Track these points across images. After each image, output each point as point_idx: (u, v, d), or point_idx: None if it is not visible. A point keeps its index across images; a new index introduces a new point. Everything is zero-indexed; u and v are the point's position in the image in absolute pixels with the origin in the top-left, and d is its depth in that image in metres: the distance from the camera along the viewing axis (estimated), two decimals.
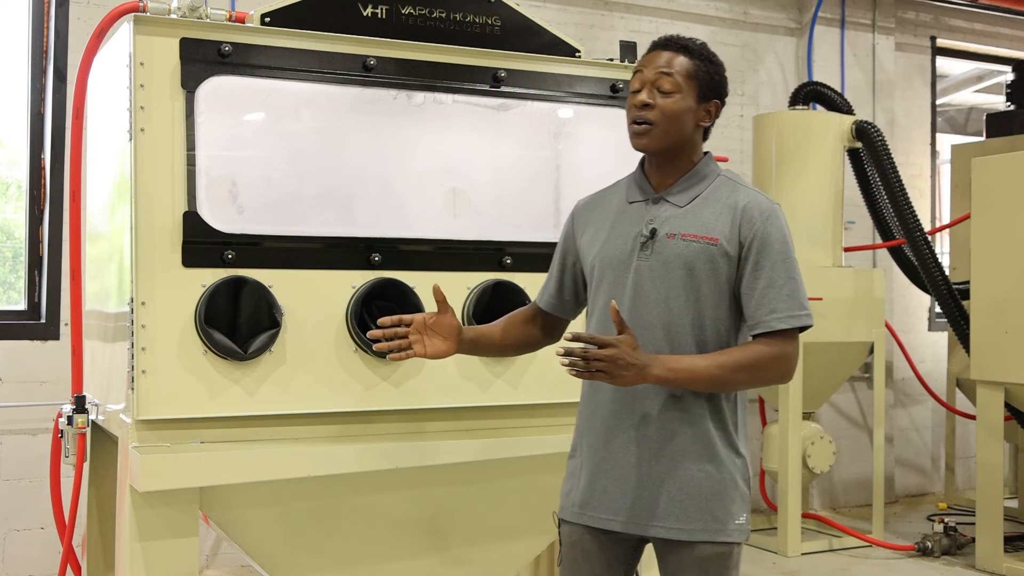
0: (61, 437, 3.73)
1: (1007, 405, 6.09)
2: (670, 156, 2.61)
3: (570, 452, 2.74)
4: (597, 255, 2.67)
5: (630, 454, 2.55)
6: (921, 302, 8.15)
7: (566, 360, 2.41)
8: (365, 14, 3.44)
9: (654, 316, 2.54)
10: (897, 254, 6.88)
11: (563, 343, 2.51)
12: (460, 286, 3.45)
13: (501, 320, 2.94)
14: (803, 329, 2.53)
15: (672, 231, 2.56)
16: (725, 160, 4.73)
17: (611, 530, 2.60)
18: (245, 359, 3.13)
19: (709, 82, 2.62)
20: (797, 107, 6.72)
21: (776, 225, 2.55)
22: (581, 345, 2.42)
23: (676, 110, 2.56)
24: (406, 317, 2.74)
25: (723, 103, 2.66)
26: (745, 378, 2.50)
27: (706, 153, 2.68)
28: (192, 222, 3.12)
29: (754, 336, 2.54)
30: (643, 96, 2.57)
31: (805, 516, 6.61)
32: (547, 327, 2.91)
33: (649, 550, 2.68)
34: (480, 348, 2.92)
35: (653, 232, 2.57)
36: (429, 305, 3.35)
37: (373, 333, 2.74)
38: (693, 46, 2.63)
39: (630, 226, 2.62)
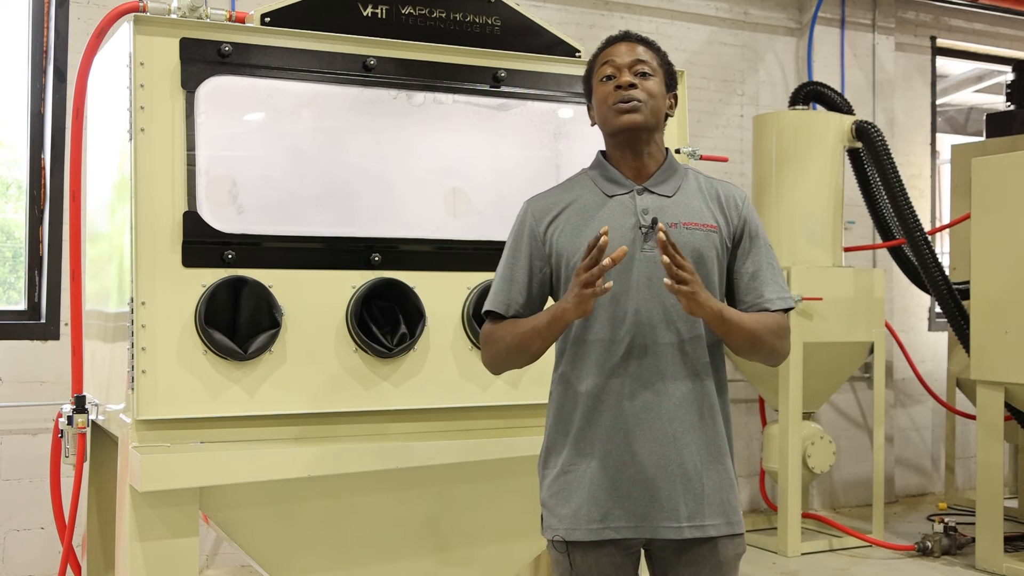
0: (61, 437, 3.73)
1: (1007, 405, 6.09)
2: (647, 142, 2.60)
3: (560, 470, 2.57)
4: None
5: (653, 455, 2.49)
6: (921, 302, 8.15)
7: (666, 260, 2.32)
8: (365, 14, 3.45)
9: (668, 303, 2.50)
10: (897, 254, 6.88)
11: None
12: (460, 286, 3.45)
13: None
14: (788, 310, 2.65)
15: (672, 220, 2.55)
16: (725, 160, 4.72)
17: (629, 538, 2.51)
18: (245, 359, 3.13)
19: (671, 73, 2.69)
20: (797, 107, 6.72)
21: (755, 212, 2.70)
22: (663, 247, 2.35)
23: (658, 91, 2.60)
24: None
25: (676, 100, 2.71)
26: (772, 341, 2.56)
27: (667, 148, 2.69)
28: (192, 222, 3.12)
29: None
30: (627, 77, 2.57)
31: (805, 516, 6.61)
32: None
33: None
34: None
35: (655, 221, 2.52)
36: (429, 305, 3.36)
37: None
38: (652, 40, 2.69)
39: (622, 219, 2.55)
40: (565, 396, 2.59)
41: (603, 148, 2.71)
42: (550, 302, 2.64)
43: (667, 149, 2.68)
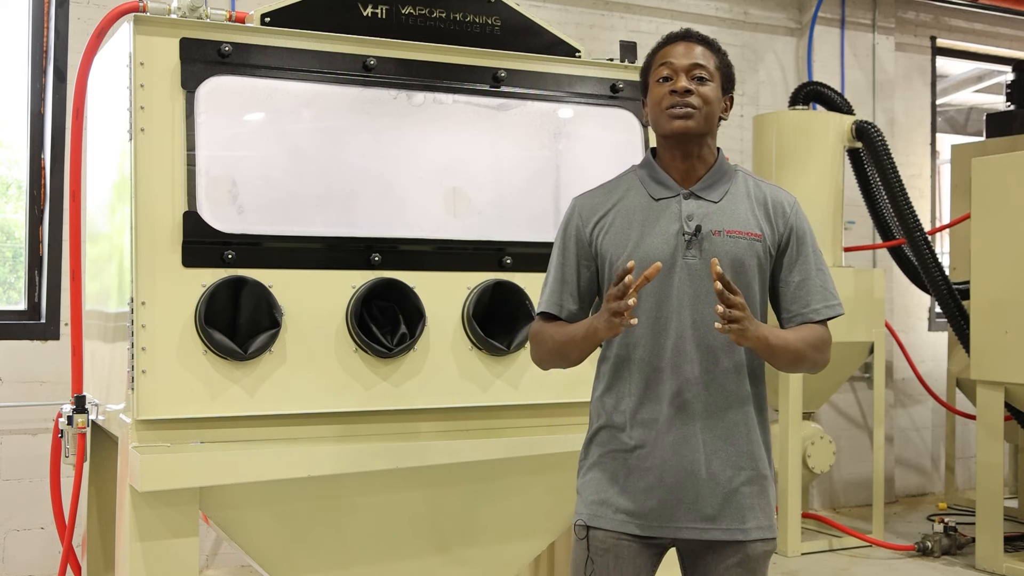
0: (61, 437, 3.73)
1: (1007, 405, 6.09)
2: (698, 147, 2.59)
3: (596, 461, 2.61)
4: (631, 255, 2.55)
5: (685, 460, 2.50)
6: (921, 302, 8.15)
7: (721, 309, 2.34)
8: (365, 14, 3.45)
9: (708, 314, 2.50)
10: (897, 254, 6.88)
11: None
12: (460, 286, 3.45)
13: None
14: (833, 318, 2.61)
15: (715, 228, 2.54)
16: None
17: (652, 536, 2.54)
18: (245, 359, 3.13)
19: (729, 75, 2.66)
20: (797, 107, 6.72)
21: (804, 217, 2.65)
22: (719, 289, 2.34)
23: (714, 96, 2.58)
24: None
25: (732, 102, 2.69)
26: (814, 356, 2.56)
27: (718, 148, 2.68)
28: (192, 222, 3.12)
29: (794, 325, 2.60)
30: (683, 83, 2.55)
31: (805, 516, 6.61)
32: None
33: (671, 556, 2.64)
34: None
35: (698, 229, 2.53)
36: (429, 305, 3.36)
37: None
38: (712, 40, 2.66)
39: (666, 224, 2.55)
40: (607, 395, 2.62)
41: (654, 146, 2.69)
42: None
43: (719, 150, 2.66)
